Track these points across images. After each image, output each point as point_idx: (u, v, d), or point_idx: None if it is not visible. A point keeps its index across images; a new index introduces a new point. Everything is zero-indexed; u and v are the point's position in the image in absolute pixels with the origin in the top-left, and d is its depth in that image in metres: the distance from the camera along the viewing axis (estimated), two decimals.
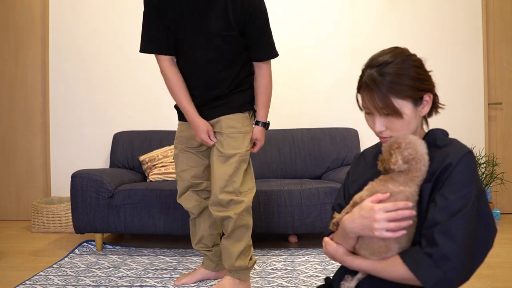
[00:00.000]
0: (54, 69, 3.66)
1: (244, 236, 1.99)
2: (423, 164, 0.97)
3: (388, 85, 0.99)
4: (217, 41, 1.89)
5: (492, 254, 2.52)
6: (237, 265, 1.98)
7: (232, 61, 1.96)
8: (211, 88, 1.97)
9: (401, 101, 0.99)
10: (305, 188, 2.69)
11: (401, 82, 0.99)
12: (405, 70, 1.00)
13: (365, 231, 0.96)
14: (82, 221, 2.70)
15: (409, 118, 1.01)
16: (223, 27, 1.86)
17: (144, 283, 2.16)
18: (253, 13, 1.87)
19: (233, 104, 1.99)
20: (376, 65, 1.02)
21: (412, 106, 1.01)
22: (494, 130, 3.72)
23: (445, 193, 0.93)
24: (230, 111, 1.98)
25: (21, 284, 2.12)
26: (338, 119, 3.56)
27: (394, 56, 1.02)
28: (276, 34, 3.61)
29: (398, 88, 0.98)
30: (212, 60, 1.93)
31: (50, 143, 3.66)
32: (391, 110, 0.99)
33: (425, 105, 1.03)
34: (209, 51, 1.91)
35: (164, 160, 3.15)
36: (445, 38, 3.61)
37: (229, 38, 1.88)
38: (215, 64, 1.93)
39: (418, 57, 1.05)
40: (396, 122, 1.01)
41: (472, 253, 0.93)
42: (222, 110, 1.98)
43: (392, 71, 0.99)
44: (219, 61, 1.93)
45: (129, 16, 3.60)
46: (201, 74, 1.96)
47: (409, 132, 1.03)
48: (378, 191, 0.99)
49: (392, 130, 1.03)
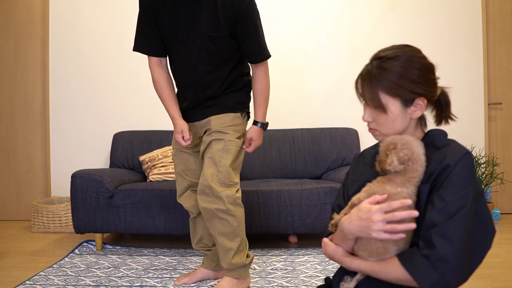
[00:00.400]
0: (54, 69, 3.66)
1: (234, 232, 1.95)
2: (420, 164, 0.97)
3: (379, 79, 1.01)
4: (207, 42, 1.89)
5: (492, 254, 2.53)
6: (235, 262, 1.98)
7: (224, 62, 1.96)
8: (203, 88, 1.98)
9: (389, 97, 1.01)
10: (305, 188, 2.69)
11: (392, 79, 1.00)
12: (401, 68, 1.00)
13: (363, 233, 0.96)
14: (82, 221, 2.70)
15: (394, 116, 1.02)
16: (212, 28, 1.87)
17: (144, 283, 2.16)
18: (243, 14, 1.85)
19: (224, 104, 1.99)
20: (377, 57, 1.04)
21: (401, 105, 1.02)
22: (494, 130, 3.72)
23: (443, 195, 0.93)
24: (220, 111, 1.99)
25: (21, 284, 2.12)
26: (338, 119, 3.56)
27: (398, 53, 1.02)
28: (276, 34, 3.64)
29: (387, 84, 1.00)
30: (203, 61, 1.93)
31: (50, 143, 3.67)
32: (376, 104, 1.02)
33: (418, 108, 1.03)
34: (200, 52, 1.92)
35: (164, 160, 3.15)
36: (445, 38, 3.61)
37: (219, 39, 1.88)
38: (206, 65, 1.94)
39: (426, 61, 1.03)
40: (381, 116, 1.03)
41: (470, 254, 0.93)
42: (213, 110, 1.99)
43: (388, 67, 1.01)
44: (210, 62, 1.94)
45: (129, 16, 3.59)
46: (193, 75, 1.97)
47: (394, 130, 1.04)
48: (375, 192, 0.99)
49: (377, 124, 1.05)
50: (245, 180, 3.23)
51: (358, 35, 3.60)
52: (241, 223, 1.98)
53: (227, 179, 1.92)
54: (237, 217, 1.95)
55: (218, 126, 1.96)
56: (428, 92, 1.02)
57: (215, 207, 1.91)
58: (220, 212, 1.91)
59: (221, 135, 1.95)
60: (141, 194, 2.69)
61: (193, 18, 1.88)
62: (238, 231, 1.97)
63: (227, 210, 1.91)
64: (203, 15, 1.86)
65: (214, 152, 1.94)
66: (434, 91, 1.04)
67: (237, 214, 1.95)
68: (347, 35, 3.61)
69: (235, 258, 1.98)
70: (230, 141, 1.96)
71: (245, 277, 2.04)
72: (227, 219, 1.93)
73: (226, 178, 1.92)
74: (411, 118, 1.04)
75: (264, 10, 3.60)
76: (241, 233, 1.98)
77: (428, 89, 1.02)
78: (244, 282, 2.05)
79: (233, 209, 1.93)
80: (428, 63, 1.04)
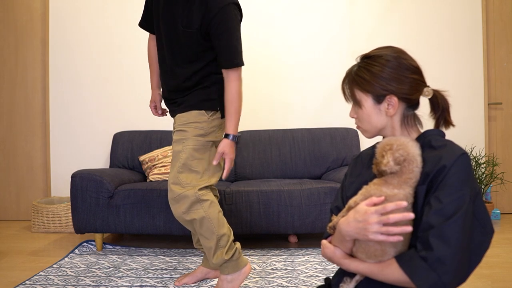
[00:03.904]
0: (54, 69, 3.67)
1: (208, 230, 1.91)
2: (416, 165, 0.97)
3: (353, 76, 1.08)
4: (180, 36, 1.91)
5: (492, 254, 2.53)
6: (216, 261, 1.94)
7: (194, 58, 1.93)
8: (170, 77, 2.01)
9: (362, 93, 1.07)
10: (305, 188, 2.69)
11: (363, 76, 1.06)
12: (372, 66, 1.05)
13: (360, 234, 0.96)
14: (82, 221, 2.70)
15: (368, 112, 1.07)
16: (184, 22, 1.88)
17: (144, 283, 2.17)
18: (216, 15, 1.82)
19: (188, 102, 1.98)
20: (361, 57, 1.11)
21: (373, 101, 1.06)
22: (494, 130, 3.72)
23: (439, 196, 0.93)
24: (183, 109, 1.98)
25: (21, 284, 2.12)
26: (338, 119, 3.57)
27: (376, 52, 1.08)
28: (276, 34, 3.64)
29: (359, 81, 1.07)
30: (173, 52, 1.95)
31: (50, 143, 3.67)
32: (354, 99, 1.10)
33: (392, 106, 1.05)
34: (172, 44, 1.94)
35: (164, 160, 3.15)
36: (445, 38, 3.61)
37: (188, 34, 1.88)
38: (175, 56, 1.96)
39: (403, 60, 1.04)
40: (360, 112, 1.10)
41: (467, 255, 0.93)
42: (178, 109, 2.00)
43: (362, 65, 1.07)
44: (179, 55, 1.95)
45: (129, 16, 3.60)
46: (165, 63, 2.01)
47: (371, 125, 1.09)
48: (372, 194, 0.99)
49: (358, 119, 1.11)
50: (245, 180, 3.23)
51: (358, 36, 3.60)
52: (213, 219, 1.91)
53: (184, 180, 1.89)
54: (206, 215, 1.90)
55: (179, 125, 1.96)
56: (399, 89, 1.03)
57: (181, 211, 1.89)
58: (186, 215, 1.89)
59: (181, 133, 1.95)
60: (141, 194, 2.70)
61: (171, 9, 1.91)
62: (212, 229, 1.91)
63: (190, 210, 1.89)
64: (179, 7, 1.89)
65: (174, 153, 1.95)
66: (407, 89, 1.04)
67: (205, 212, 1.90)
68: (347, 35, 3.61)
69: (215, 257, 1.94)
70: (188, 139, 1.93)
71: (236, 270, 1.97)
72: (195, 218, 1.90)
73: (185, 179, 1.89)
74: (388, 116, 1.06)
75: (265, 10, 3.60)
76: (216, 230, 1.92)
77: (400, 87, 1.03)
78: (240, 274, 1.99)
79: (198, 207, 1.89)
80: (405, 62, 1.05)
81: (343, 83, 1.12)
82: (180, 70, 1.96)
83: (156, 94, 2.23)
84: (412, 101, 1.06)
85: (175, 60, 1.96)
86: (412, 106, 1.08)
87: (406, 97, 1.04)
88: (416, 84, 1.04)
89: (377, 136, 1.13)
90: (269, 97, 3.58)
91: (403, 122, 1.08)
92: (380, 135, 1.13)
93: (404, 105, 1.06)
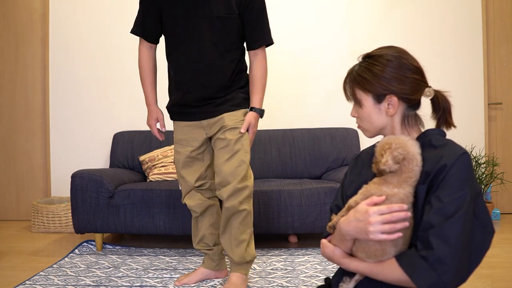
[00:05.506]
0: (54, 69, 3.66)
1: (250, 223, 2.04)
2: (416, 164, 0.96)
3: (355, 75, 1.09)
4: (218, 25, 1.93)
5: (492, 254, 2.53)
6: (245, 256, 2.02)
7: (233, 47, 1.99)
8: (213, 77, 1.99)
9: (363, 93, 1.08)
10: (305, 188, 2.69)
11: (364, 75, 1.06)
12: (373, 66, 1.05)
13: (361, 234, 0.96)
14: (82, 221, 2.70)
15: (368, 111, 1.08)
16: (224, 9, 1.91)
17: (144, 283, 2.17)
18: None
19: (234, 101, 2.03)
20: (362, 57, 1.11)
21: (373, 101, 1.07)
22: (494, 130, 3.72)
23: (440, 195, 0.93)
24: (232, 108, 2.03)
25: (21, 284, 2.12)
26: (338, 119, 3.56)
27: (377, 52, 1.08)
28: (277, 34, 3.62)
29: (359, 80, 1.07)
30: (214, 43, 1.95)
31: (50, 143, 3.67)
32: (354, 99, 1.11)
33: (392, 106, 1.05)
34: (212, 36, 1.94)
35: (164, 160, 3.15)
36: (445, 38, 3.61)
37: (229, 21, 1.93)
38: (217, 48, 1.96)
39: (404, 60, 1.05)
40: (360, 111, 1.10)
41: (467, 255, 0.92)
42: (225, 107, 2.02)
43: (363, 65, 1.08)
44: (221, 46, 1.96)
45: (129, 16, 3.58)
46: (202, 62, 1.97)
47: (372, 125, 1.09)
48: (372, 194, 0.99)
49: (359, 119, 1.12)
50: None
51: (358, 36, 3.60)
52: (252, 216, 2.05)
53: (245, 175, 1.97)
54: (250, 210, 2.02)
55: (233, 123, 2.00)
56: (400, 90, 1.03)
57: (239, 200, 1.95)
58: (240, 204, 1.96)
59: (237, 131, 2.00)
60: (141, 194, 2.69)
61: (202, 1, 1.92)
62: (251, 222, 2.03)
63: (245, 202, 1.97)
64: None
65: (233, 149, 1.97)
66: (407, 89, 1.04)
67: (251, 205, 2.02)
68: (347, 35, 3.61)
69: (247, 251, 2.03)
70: (244, 135, 2.02)
71: (248, 273, 2.09)
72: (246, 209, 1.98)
73: (245, 173, 1.97)
74: (388, 115, 1.06)
75: None
76: (251, 225, 2.05)
77: (401, 87, 1.03)
78: (247, 281, 2.08)
79: (250, 200, 2.01)
80: (407, 62, 1.04)
81: (344, 82, 1.13)
82: (223, 65, 1.98)
83: (157, 109, 2.16)
84: (413, 101, 1.06)
85: (218, 50, 1.96)
86: (413, 106, 1.07)
87: (406, 97, 1.04)
88: (417, 85, 1.04)
89: (378, 135, 1.13)
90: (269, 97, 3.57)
91: (404, 122, 1.08)
92: (381, 135, 1.13)
93: (404, 105, 1.06)
